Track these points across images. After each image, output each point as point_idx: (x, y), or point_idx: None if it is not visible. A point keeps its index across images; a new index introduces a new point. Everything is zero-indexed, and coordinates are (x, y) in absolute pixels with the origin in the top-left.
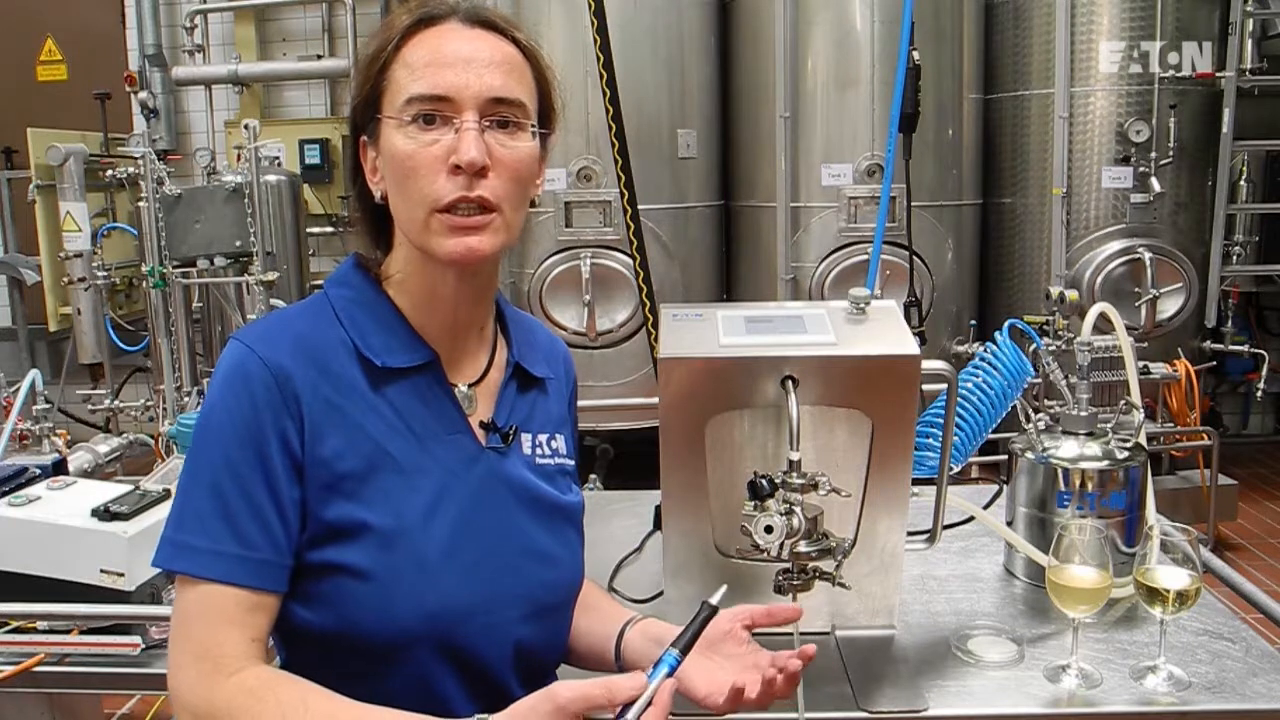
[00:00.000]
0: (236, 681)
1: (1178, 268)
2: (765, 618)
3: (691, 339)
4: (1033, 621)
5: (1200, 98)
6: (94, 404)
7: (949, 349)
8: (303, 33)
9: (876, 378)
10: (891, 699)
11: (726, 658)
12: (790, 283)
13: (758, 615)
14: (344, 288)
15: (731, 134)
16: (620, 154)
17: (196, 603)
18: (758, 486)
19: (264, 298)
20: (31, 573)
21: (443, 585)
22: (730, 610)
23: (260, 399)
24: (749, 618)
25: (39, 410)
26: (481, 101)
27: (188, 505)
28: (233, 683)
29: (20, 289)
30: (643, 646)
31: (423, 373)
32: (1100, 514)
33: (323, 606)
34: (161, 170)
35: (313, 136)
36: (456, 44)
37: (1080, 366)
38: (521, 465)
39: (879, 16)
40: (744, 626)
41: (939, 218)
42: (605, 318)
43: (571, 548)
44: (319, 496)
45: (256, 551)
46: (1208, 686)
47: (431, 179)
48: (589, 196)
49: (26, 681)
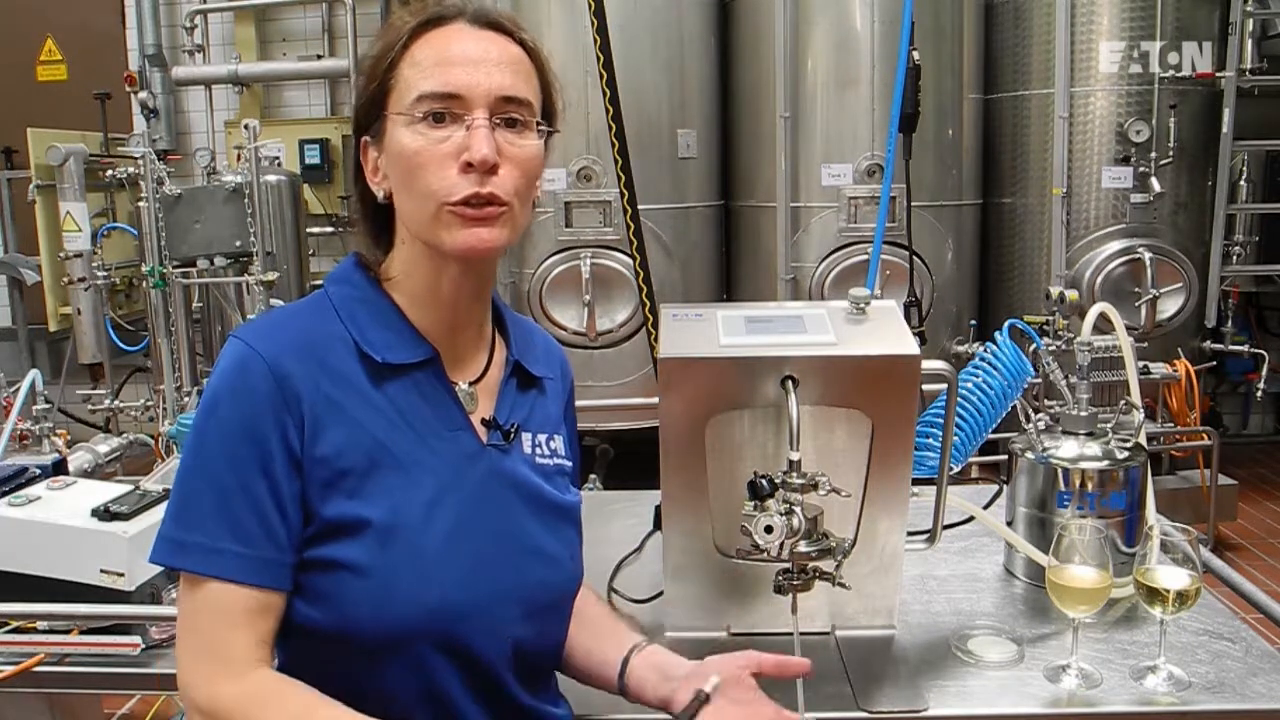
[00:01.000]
0: (242, 686)
1: (1178, 268)
2: (775, 669)
3: (691, 339)
4: (1033, 621)
5: (1200, 98)
6: (94, 404)
7: (949, 349)
8: (303, 33)
9: (876, 378)
10: (891, 699)
11: (732, 703)
12: (790, 283)
13: (766, 665)
14: (344, 286)
15: (731, 134)
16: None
17: (202, 601)
18: (758, 486)
19: (264, 298)
20: (31, 573)
21: (442, 582)
22: (740, 655)
23: (260, 396)
24: (758, 666)
25: (39, 410)
26: (491, 100)
27: (186, 501)
28: (239, 686)
29: (20, 289)
30: (647, 675)
31: (423, 369)
32: (1100, 514)
33: (322, 602)
34: (161, 170)
35: (313, 136)
36: (465, 44)
37: (1080, 366)
38: (522, 463)
39: (879, 16)
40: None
41: (939, 218)
42: (605, 318)
43: (571, 547)
44: (319, 493)
45: (255, 549)
46: (1208, 686)
47: (442, 175)
48: (589, 196)
49: (26, 681)
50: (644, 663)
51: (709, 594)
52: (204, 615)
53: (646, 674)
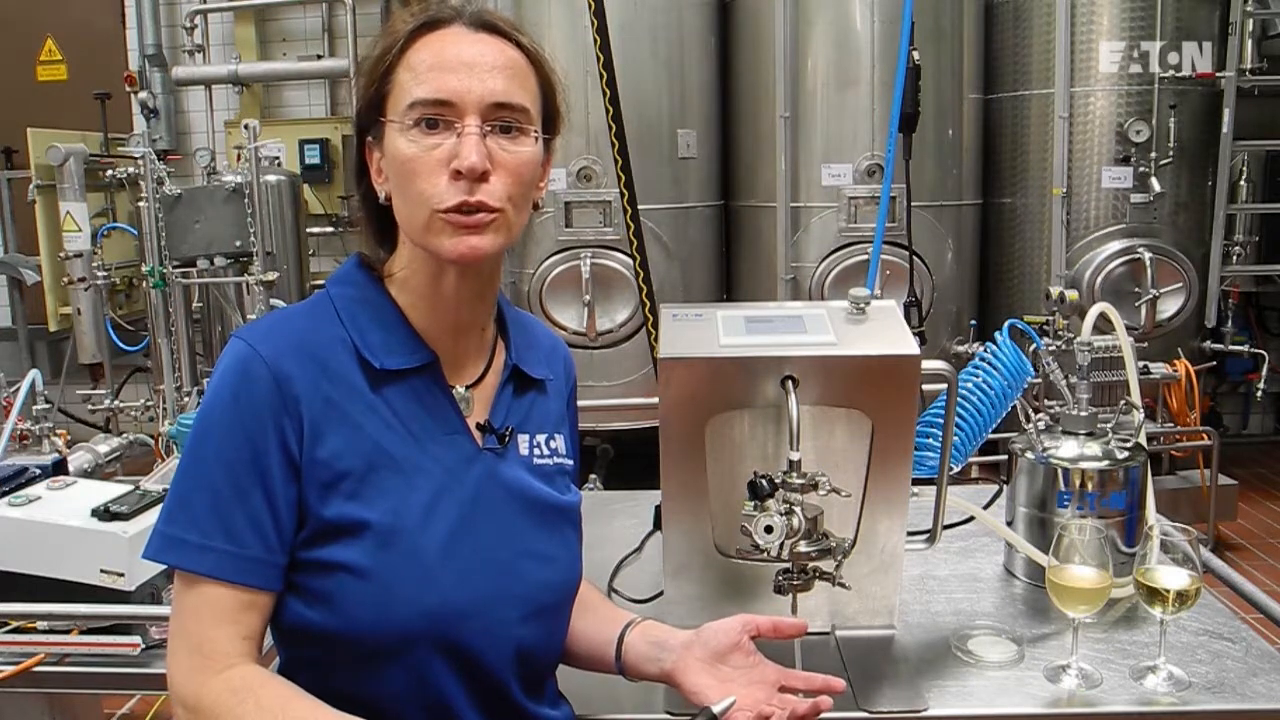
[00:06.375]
0: (223, 680)
1: (1178, 268)
2: (771, 630)
3: (691, 339)
4: (1033, 621)
5: (1200, 98)
6: (94, 404)
7: (949, 349)
8: (303, 33)
9: (876, 378)
10: (891, 699)
11: (735, 669)
12: (790, 283)
13: (763, 626)
14: (346, 286)
15: (731, 134)
16: (620, 154)
17: (191, 597)
18: (758, 486)
19: (264, 298)
20: (31, 573)
21: (441, 584)
22: (737, 619)
23: (259, 398)
24: (755, 628)
25: (39, 410)
26: (484, 106)
27: (181, 499)
28: (220, 680)
29: (20, 289)
30: (644, 650)
31: (421, 374)
32: (1100, 514)
33: (322, 604)
34: (161, 170)
35: (313, 136)
36: (460, 48)
37: (1080, 366)
38: (519, 467)
39: (879, 16)
40: (750, 636)
41: (939, 218)
42: (605, 318)
43: (570, 548)
44: (318, 495)
45: (246, 548)
46: (1208, 686)
47: (433, 182)
48: (589, 196)
49: (26, 681)
50: (640, 638)
51: (709, 594)
52: (193, 613)
53: (643, 649)
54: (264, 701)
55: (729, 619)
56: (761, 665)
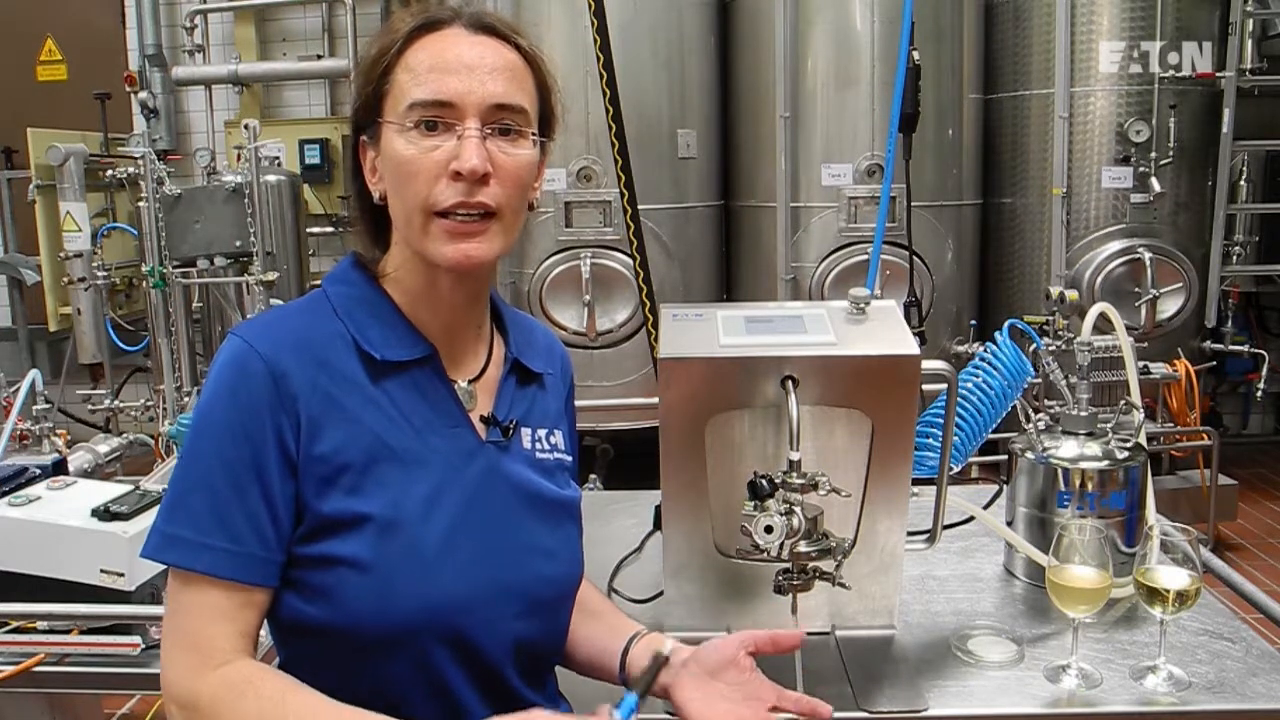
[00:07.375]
0: (220, 675)
1: (1178, 268)
2: (770, 645)
3: (691, 339)
4: (1033, 621)
5: (1200, 98)
6: (94, 404)
7: (949, 349)
8: (303, 33)
9: (876, 378)
10: (891, 699)
11: (729, 685)
12: (790, 283)
13: (761, 642)
14: (343, 285)
15: (731, 134)
16: (620, 154)
17: (187, 595)
18: (758, 486)
19: (264, 298)
20: (31, 573)
21: (442, 578)
22: (735, 636)
23: (257, 395)
24: (753, 644)
25: (39, 410)
26: (484, 108)
27: (179, 497)
28: (217, 675)
29: (20, 289)
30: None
31: (422, 367)
32: (1100, 514)
33: (322, 599)
34: (161, 170)
35: (313, 136)
36: (459, 50)
37: (1080, 366)
38: (521, 460)
39: (879, 16)
40: (748, 653)
41: (939, 218)
42: (605, 318)
43: (571, 543)
44: (316, 491)
45: (244, 546)
46: (1208, 686)
47: (431, 183)
48: (589, 196)
49: (26, 681)
50: (644, 652)
51: (709, 594)
52: (188, 610)
53: (646, 664)
54: (263, 693)
55: (729, 636)
56: (757, 683)
